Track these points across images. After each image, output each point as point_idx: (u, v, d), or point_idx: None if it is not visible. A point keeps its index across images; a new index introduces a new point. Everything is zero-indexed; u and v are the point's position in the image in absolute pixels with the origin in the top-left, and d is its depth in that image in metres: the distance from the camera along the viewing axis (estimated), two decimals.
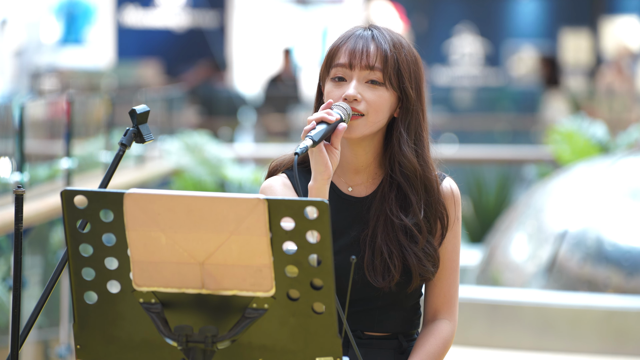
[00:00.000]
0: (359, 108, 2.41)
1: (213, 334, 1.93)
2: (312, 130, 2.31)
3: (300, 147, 2.28)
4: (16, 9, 14.33)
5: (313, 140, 2.29)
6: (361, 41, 2.44)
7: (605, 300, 5.08)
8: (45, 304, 2.25)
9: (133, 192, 1.93)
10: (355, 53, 2.42)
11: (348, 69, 2.43)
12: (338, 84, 2.43)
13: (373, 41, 2.44)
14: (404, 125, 2.45)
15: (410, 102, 2.45)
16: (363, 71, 2.42)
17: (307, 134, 2.31)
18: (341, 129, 2.34)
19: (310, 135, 2.30)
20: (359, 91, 2.41)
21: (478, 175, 8.95)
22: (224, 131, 11.36)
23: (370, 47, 2.43)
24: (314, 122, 2.33)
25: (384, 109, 2.43)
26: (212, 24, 15.54)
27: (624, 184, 5.56)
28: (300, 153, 2.27)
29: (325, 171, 2.33)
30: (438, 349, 2.47)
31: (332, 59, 2.45)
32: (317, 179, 2.34)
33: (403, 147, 2.44)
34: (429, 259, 2.43)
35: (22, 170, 4.60)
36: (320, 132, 2.32)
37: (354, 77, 2.42)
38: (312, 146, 2.30)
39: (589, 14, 17.38)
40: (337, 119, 2.34)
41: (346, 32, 2.48)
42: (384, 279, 2.40)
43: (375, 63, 2.42)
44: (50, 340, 5.51)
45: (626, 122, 10.18)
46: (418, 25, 16.93)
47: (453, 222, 2.48)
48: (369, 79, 2.42)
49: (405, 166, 2.44)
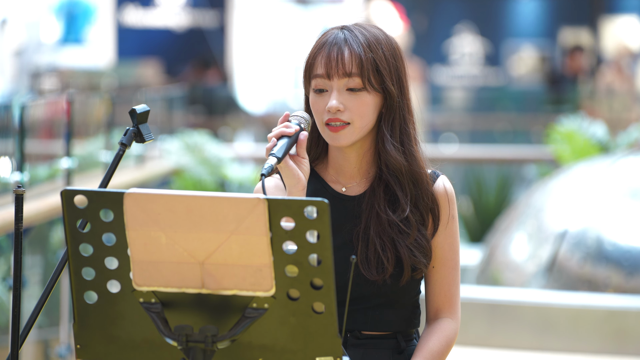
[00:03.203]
0: (343, 118, 2.41)
1: (213, 334, 1.93)
2: (274, 147, 2.31)
3: (265, 167, 2.27)
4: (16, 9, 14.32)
5: (277, 157, 2.29)
6: (335, 48, 2.42)
7: (605, 300, 5.08)
8: (45, 303, 2.25)
9: (133, 192, 1.93)
10: (331, 62, 2.41)
11: (327, 79, 2.42)
12: (320, 95, 2.43)
13: (347, 46, 2.41)
14: (387, 123, 2.45)
15: (393, 100, 2.44)
16: (341, 79, 2.41)
17: (270, 152, 2.31)
18: (303, 138, 2.35)
19: (273, 152, 2.30)
20: (340, 101, 2.41)
21: (478, 175, 8.95)
22: (223, 131, 11.36)
23: (345, 53, 2.41)
24: (274, 139, 2.33)
25: (368, 113, 2.43)
26: (212, 23, 15.53)
27: (624, 183, 5.56)
28: (267, 173, 2.26)
29: (298, 183, 2.34)
30: (441, 348, 2.47)
31: (311, 70, 2.44)
32: (293, 192, 2.35)
33: (387, 145, 2.45)
34: (420, 251, 2.43)
35: (22, 170, 4.60)
36: (282, 147, 2.32)
37: (333, 87, 2.41)
38: (277, 163, 2.29)
39: (589, 14, 17.38)
40: (296, 130, 2.34)
41: (321, 39, 2.46)
42: (378, 272, 2.41)
43: (352, 69, 2.40)
44: (50, 340, 5.51)
45: (626, 121, 10.18)
46: (418, 25, 16.92)
47: (447, 221, 2.48)
48: (349, 87, 2.41)
49: (392, 164, 2.44)
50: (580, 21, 17.41)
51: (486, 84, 17.32)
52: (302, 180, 2.34)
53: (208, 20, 15.54)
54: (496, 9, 17.88)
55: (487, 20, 17.68)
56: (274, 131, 2.34)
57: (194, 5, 15.55)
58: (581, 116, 8.03)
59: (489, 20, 17.73)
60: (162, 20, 15.50)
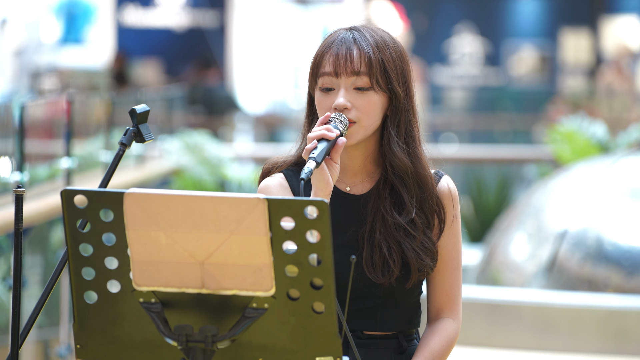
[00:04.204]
0: (350, 116, 2.41)
1: (213, 334, 1.93)
2: (314, 150, 2.31)
3: (305, 171, 2.27)
4: (16, 9, 14.32)
5: (317, 162, 2.29)
6: (344, 47, 2.42)
7: (605, 300, 5.08)
8: (45, 303, 2.25)
9: (133, 192, 1.93)
10: (340, 60, 2.41)
11: (334, 77, 2.42)
12: (327, 93, 2.43)
13: (355, 45, 2.42)
14: (393, 124, 2.45)
15: (399, 101, 2.45)
16: (349, 78, 2.41)
17: (310, 155, 2.30)
18: (341, 144, 2.34)
19: (314, 156, 2.30)
20: (347, 99, 2.41)
21: (478, 175, 8.95)
22: (223, 131, 11.37)
23: (354, 52, 2.41)
24: (315, 141, 2.32)
25: (375, 113, 2.43)
26: (212, 23, 15.54)
27: (624, 183, 5.56)
28: (306, 177, 2.27)
29: (327, 187, 2.34)
30: (442, 348, 2.47)
31: (318, 68, 2.44)
32: (319, 195, 2.34)
33: (393, 146, 2.45)
34: (427, 253, 2.43)
35: (22, 170, 4.60)
36: (322, 151, 2.31)
37: (341, 85, 2.41)
38: (316, 167, 2.30)
39: (589, 14, 17.38)
40: (337, 135, 2.34)
41: (329, 38, 2.46)
42: (384, 275, 2.41)
43: (360, 68, 2.41)
44: (50, 340, 5.51)
45: (626, 121, 10.18)
46: (418, 25, 16.92)
47: (452, 220, 2.49)
48: (357, 85, 2.41)
49: (397, 165, 2.44)
50: (580, 21, 17.41)
51: (486, 84, 17.33)
52: (330, 186, 2.34)
53: (208, 20, 15.54)
54: (496, 9, 17.89)
55: (487, 20, 17.68)
56: (315, 132, 2.33)
57: (194, 5, 15.55)
58: (581, 116, 8.03)
59: (489, 20, 17.73)
60: (162, 20, 15.51)
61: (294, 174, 2.50)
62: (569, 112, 10.17)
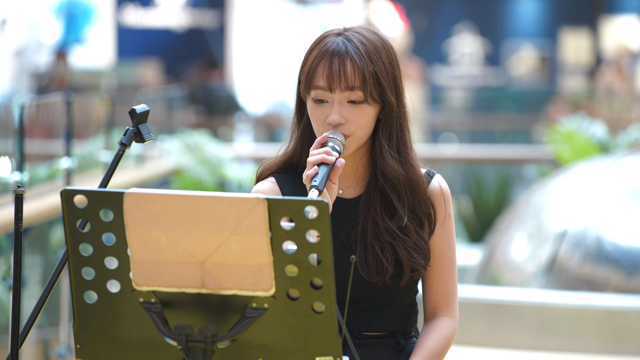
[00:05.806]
0: (344, 130, 2.41)
1: (213, 334, 1.93)
2: (315, 178, 2.30)
3: None
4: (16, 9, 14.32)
5: (319, 190, 2.29)
6: (336, 60, 2.40)
7: (605, 300, 5.08)
8: (45, 303, 2.25)
9: (133, 192, 1.93)
10: (333, 76, 2.40)
11: (328, 92, 2.41)
12: (320, 105, 2.43)
13: (349, 58, 2.40)
14: (384, 133, 2.45)
15: (392, 109, 2.45)
16: (343, 92, 2.40)
17: (312, 183, 2.30)
18: (339, 166, 2.34)
19: (316, 184, 2.29)
20: (342, 115, 2.40)
21: (478, 175, 8.95)
22: (223, 131, 11.36)
23: (347, 67, 2.40)
24: (315, 167, 2.32)
25: (368, 124, 2.43)
26: (212, 23, 15.54)
27: (623, 183, 5.56)
28: None
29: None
30: (440, 346, 2.48)
31: (311, 80, 2.43)
32: None
33: (385, 155, 2.45)
34: (419, 252, 2.44)
35: (22, 170, 4.60)
36: (324, 177, 2.31)
37: (335, 100, 2.41)
38: (319, 195, 2.30)
39: (589, 14, 17.38)
40: (336, 157, 2.34)
41: (319, 46, 2.44)
42: (378, 274, 2.42)
43: (354, 83, 2.40)
44: (50, 340, 5.51)
45: (626, 121, 10.18)
46: (418, 25, 16.92)
47: (444, 220, 2.49)
48: (351, 99, 2.41)
49: (389, 173, 2.45)
50: (580, 21, 17.41)
51: (486, 84, 17.34)
52: (330, 207, 2.34)
53: (208, 20, 15.54)
54: (496, 9, 17.89)
55: (487, 20, 17.69)
56: (314, 156, 2.33)
57: (194, 5, 15.55)
58: (581, 116, 8.03)
59: (489, 20, 17.74)
60: (162, 20, 15.51)
61: (285, 178, 2.51)
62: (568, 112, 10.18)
